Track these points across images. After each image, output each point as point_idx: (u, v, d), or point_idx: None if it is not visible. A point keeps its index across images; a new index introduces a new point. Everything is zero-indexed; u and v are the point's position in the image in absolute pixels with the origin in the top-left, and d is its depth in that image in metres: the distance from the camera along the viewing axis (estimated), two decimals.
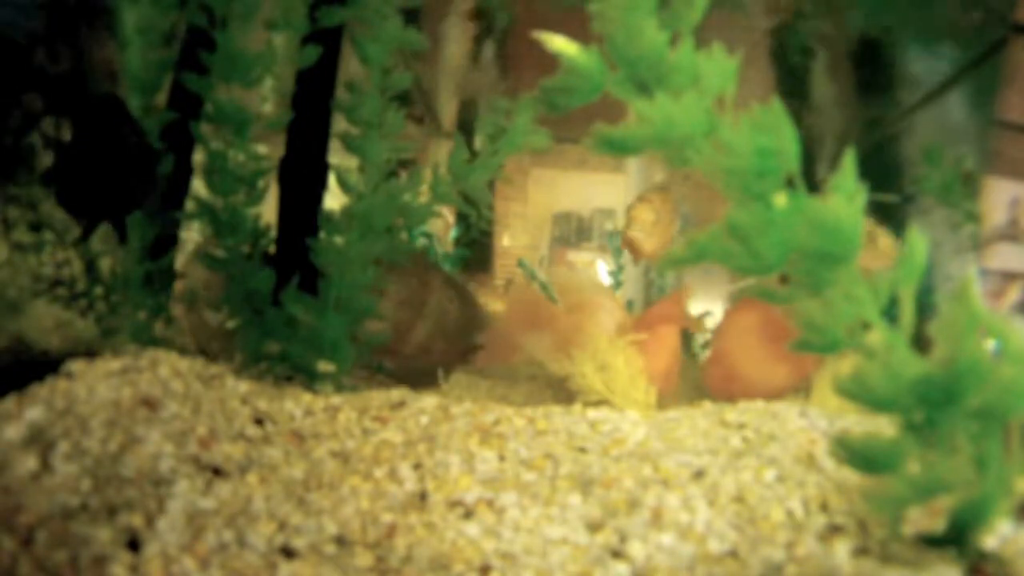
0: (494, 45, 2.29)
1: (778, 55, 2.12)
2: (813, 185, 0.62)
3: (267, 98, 1.55)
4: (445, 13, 2.05)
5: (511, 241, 3.71)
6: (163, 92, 1.29)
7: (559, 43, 0.65)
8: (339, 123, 1.29)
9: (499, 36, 2.23)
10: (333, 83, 1.31)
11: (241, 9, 1.20)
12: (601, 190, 3.81)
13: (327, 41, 1.26)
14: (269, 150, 1.34)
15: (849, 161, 0.62)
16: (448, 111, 2.91)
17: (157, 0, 1.23)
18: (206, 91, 1.23)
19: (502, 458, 0.89)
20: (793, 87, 2.25)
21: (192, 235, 1.49)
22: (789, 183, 0.64)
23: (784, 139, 0.62)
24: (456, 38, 2.22)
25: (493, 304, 2.12)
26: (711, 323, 2.91)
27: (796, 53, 2.07)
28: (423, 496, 0.79)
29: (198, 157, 1.33)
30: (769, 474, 0.82)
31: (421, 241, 2.63)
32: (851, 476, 0.80)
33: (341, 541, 0.69)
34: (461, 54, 2.32)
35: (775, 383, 1.41)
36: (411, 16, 1.28)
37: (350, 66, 1.31)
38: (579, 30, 0.67)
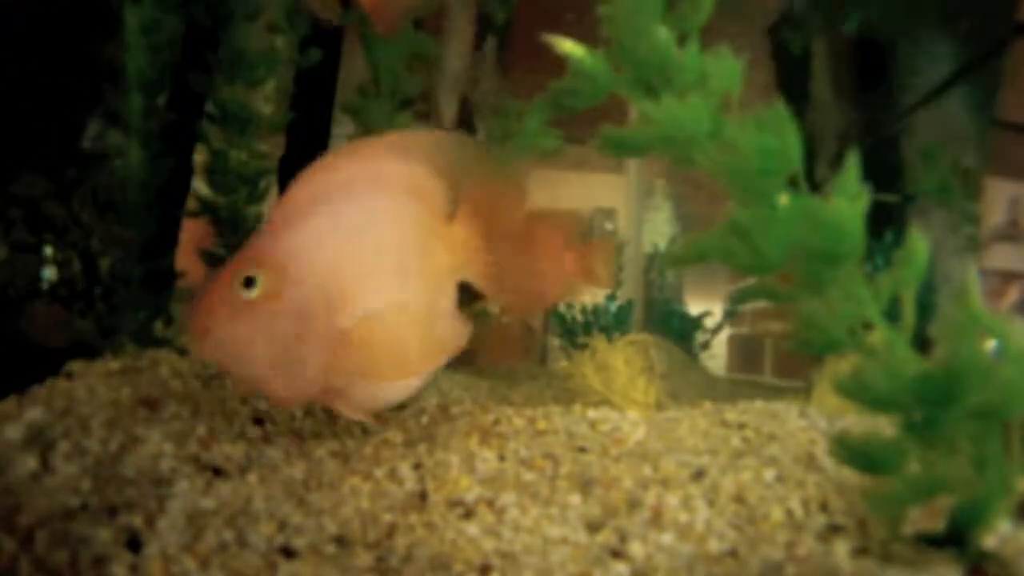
0: (495, 43, 2.29)
1: (778, 55, 2.12)
2: (813, 187, 0.62)
3: (269, 98, 1.56)
4: (447, 12, 2.05)
5: None
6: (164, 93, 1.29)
7: (567, 46, 0.65)
8: (346, 125, 1.29)
9: (500, 34, 2.23)
10: (334, 83, 1.32)
11: (244, 10, 1.20)
12: (601, 190, 3.81)
13: (328, 43, 1.26)
14: (270, 148, 1.34)
15: (852, 161, 0.62)
16: (448, 109, 2.91)
17: (160, 1, 1.24)
18: (209, 91, 1.23)
19: (502, 458, 0.89)
20: (793, 86, 2.25)
21: None
22: (792, 183, 0.64)
23: (787, 139, 0.62)
24: (457, 36, 2.22)
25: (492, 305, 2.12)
26: (710, 322, 2.91)
27: (796, 53, 2.07)
28: (423, 496, 0.79)
29: (198, 157, 1.33)
30: (769, 474, 0.82)
31: None
32: (851, 476, 0.80)
33: (341, 541, 0.68)
34: (462, 52, 2.32)
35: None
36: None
37: (354, 67, 1.31)
38: (579, 29, 0.68)
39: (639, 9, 0.62)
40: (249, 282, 0.77)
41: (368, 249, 0.83)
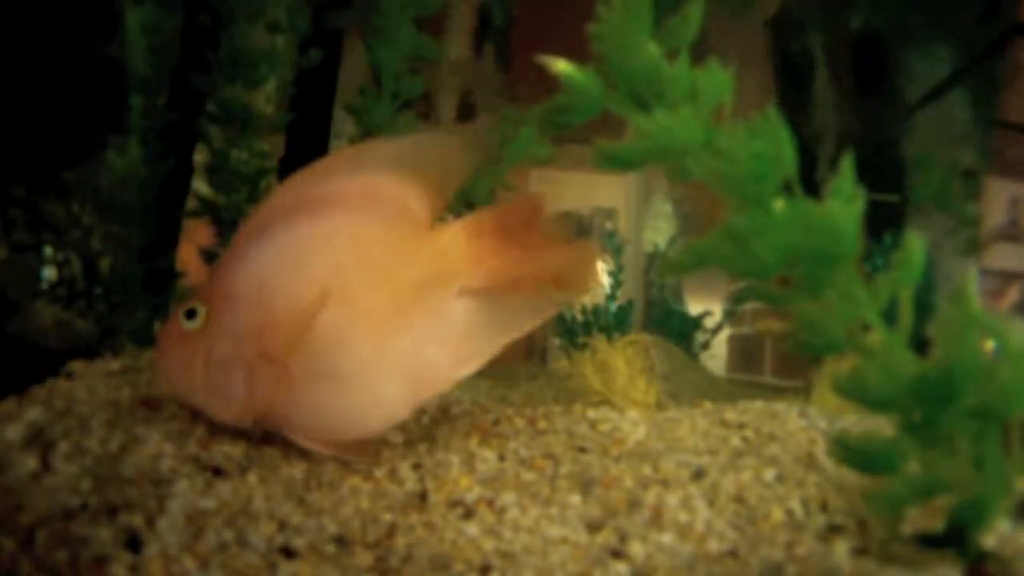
0: (495, 43, 2.29)
1: (776, 55, 2.12)
2: (813, 186, 0.62)
3: (270, 98, 1.56)
4: (447, 12, 2.05)
5: None
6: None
7: (560, 66, 0.66)
8: (347, 124, 1.30)
9: (500, 34, 2.24)
10: (334, 83, 1.32)
11: (245, 10, 1.20)
12: (601, 190, 3.82)
13: (328, 43, 1.26)
14: (270, 148, 1.34)
15: (848, 164, 0.62)
16: (448, 109, 2.92)
17: (161, 1, 1.24)
18: (210, 90, 1.23)
19: (502, 458, 0.89)
20: (792, 86, 2.25)
21: None
22: (787, 187, 0.64)
23: (780, 144, 0.62)
24: (457, 36, 2.22)
25: None
26: (710, 322, 2.91)
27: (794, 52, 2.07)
28: (423, 496, 0.79)
29: (198, 157, 1.33)
30: (769, 474, 0.82)
31: None
32: (851, 476, 0.80)
33: (341, 541, 0.69)
34: (462, 52, 2.32)
35: None
36: None
37: (354, 67, 1.31)
38: (579, 30, 0.68)
39: (628, 27, 0.63)
40: (191, 314, 0.83)
41: (307, 274, 0.82)
